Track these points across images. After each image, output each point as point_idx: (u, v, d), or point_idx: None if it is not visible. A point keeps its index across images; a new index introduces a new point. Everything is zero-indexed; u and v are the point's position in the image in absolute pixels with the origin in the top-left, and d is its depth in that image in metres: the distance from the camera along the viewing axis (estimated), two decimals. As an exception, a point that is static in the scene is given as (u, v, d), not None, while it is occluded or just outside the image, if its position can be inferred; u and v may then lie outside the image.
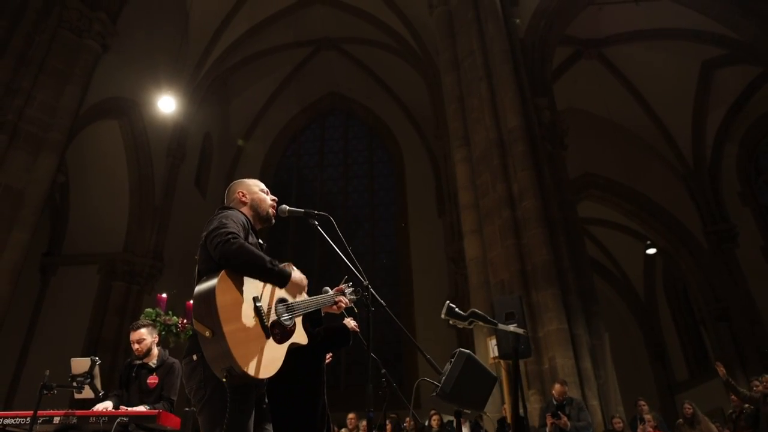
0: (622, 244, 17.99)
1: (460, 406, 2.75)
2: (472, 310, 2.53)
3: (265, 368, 2.04)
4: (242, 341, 1.98)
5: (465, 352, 2.60)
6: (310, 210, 2.55)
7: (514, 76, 9.26)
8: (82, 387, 3.20)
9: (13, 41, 9.59)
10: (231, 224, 2.20)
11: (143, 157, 14.51)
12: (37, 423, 2.98)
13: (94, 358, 3.33)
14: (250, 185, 2.62)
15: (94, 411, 3.27)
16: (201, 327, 1.98)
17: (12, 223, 8.66)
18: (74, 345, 12.27)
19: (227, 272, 2.07)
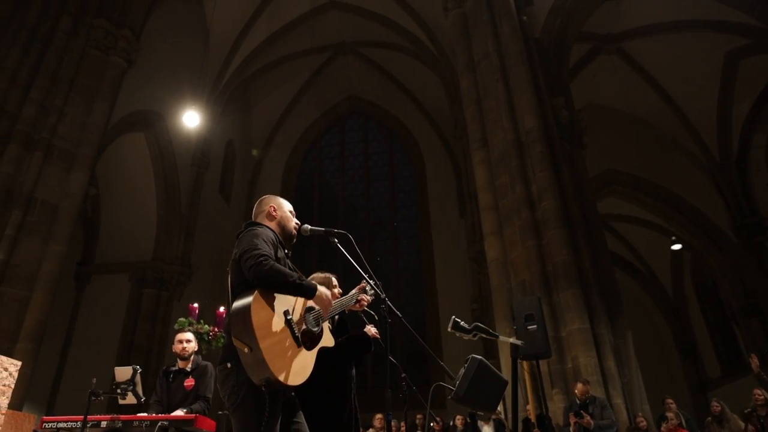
0: (648, 240, 17.81)
1: (473, 408, 2.91)
2: (476, 324, 2.68)
3: (299, 375, 2.28)
4: (277, 354, 2.20)
5: (477, 358, 2.75)
6: (330, 229, 2.73)
7: (530, 77, 9.32)
8: (126, 393, 3.47)
9: (45, 62, 9.97)
10: (261, 244, 2.36)
11: (169, 167, 14.89)
12: (87, 427, 3.20)
13: (136, 367, 3.60)
14: (281, 203, 2.79)
15: (137, 416, 3.52)
16: (240, 344, 2.18)
17: (49, 236, 9.02)
18: (109, 350, 12.70)
19: (260, 291, 2.26)
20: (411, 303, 18.70)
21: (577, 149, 9.64)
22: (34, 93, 9.75)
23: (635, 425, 6.78)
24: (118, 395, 3.48)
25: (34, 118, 9.57)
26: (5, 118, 9.22)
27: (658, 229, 16.95)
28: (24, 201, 8.97)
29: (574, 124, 9.78)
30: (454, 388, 2.65)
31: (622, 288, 17.82)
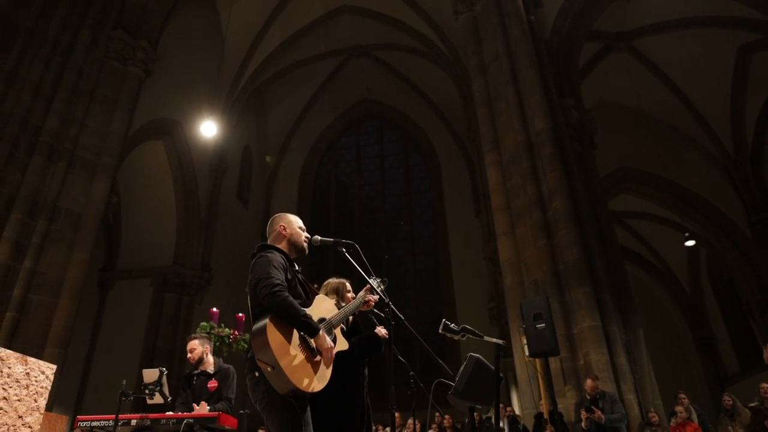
0: (664, 236, 17.75)
1: (471, 402, 3.08)
2: (463, 326, 2.87)
3: (320, 381, 2.55)
4: (298, 368, 2.45)
5: (474, 356, 2.94)
6: (338, 239, 2.91)
7: (539, 79, 9.41)
8: (153, 394, 3.74)
9: (66, 74, 10.26)
10: (273, 271, 2.60)
11: (187, 174, 15.20)
12: (119, 425, 3.44)
13: (162, 369, 3.87)
14: (291, 221, 2.98)
15: (164, 414, 3.77)
16: (263, 365, 2.44)
17: (73, 244, 9.32)
18: (133, 354, 13.02)
19: (273, 315, 2.52)
20: (428, 303, 18.83)
21: (587, 149, 9.71)
22: (57, 105, 10.02)
23: (647, 420, 6.85)
24: (146, 395, 3.75)
25: (56, 129, 9.84)
26: (30, 130, 9.51)
27: (673, 225, 16.89)
28: (49, 210, 9.26)
29: (584, 125, 9.85)
30: (453, 384, 2.83)
31: (638, 284, 17.92)
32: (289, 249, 2.89)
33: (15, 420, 2.55)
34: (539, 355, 4.99)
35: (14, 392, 2.57)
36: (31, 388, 2.65)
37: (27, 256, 8.66)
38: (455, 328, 2.82)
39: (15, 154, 9.15)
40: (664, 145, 15.82)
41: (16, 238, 8.60)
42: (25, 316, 8.27)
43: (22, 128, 9.36)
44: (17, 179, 9.04)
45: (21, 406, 2.58)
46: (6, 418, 2.51)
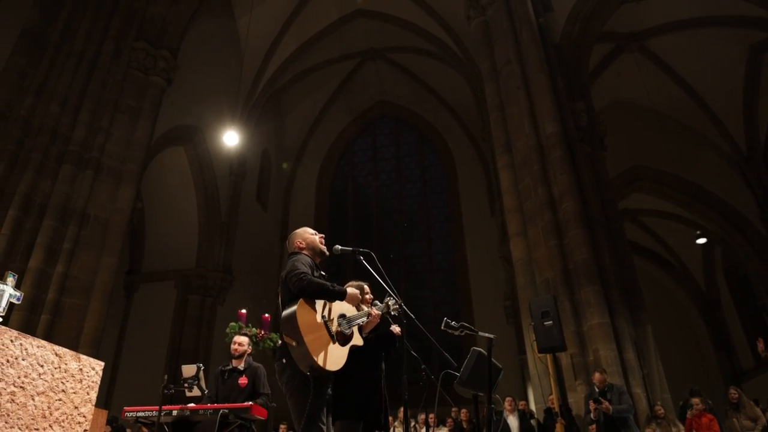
0: (678, 233, 17.78)
1: (474, 390, 3.42)
2: (462, 323, 3.18)
3: (334, 363, 2.89)
4: (318, 347, 2.81)
5: (477, 350, 3.30)
6: (356, 248, 3.33)
7: (549, 84, 9.62)
8: (192, 387, 4.13)
9: (91, 86, 10.68)
10: (301, 266, 3.02)
11: (208, 178, 15.62)
12: (161, 415, 3.81)
13: (200, 365, 4.28)
14: (302, 233, 3.43)
15: (202, 405, 4.18)
16: (289, 339, 2.81)
17: (101, 249, 9.75)
18: (159, 353, 13.47)
19: (303, 300, 2.91)
20: (446, 302, 19.05)
21: (597, 150, 9.88)
22: (83, 115, 10.42)
23: (654, 413, 7.06)
24: (185, 388, 4.15)
25: (84, 138, 10.24)
26: (59, 140, 9.94)
27: (687, 222, 16.93)
28: (78, 217, 9.69)
29: (594, 127, 10.02)
30: (458, 374, 3.19)
31: (653, 282, 17.99)
32: (313, 255, 3.30)
33: (72, 410, 2.88)
34: (547, 350, 5.24)
35: (71, 386, 2.91)
36: (84, 383, 2.99)
37: (59, 261, 9.09)
38: (455, 326, 3.15)
39: (45, 164, 9.58)
40: (676, 143, 15.88)
41: (49, 244, 9.04)
42: (58, 319, 8.72)
43: (51, 139, 9.80)
44: (48, 187, 9.47)
45: (77, 397, 2.92)
46: (65, 408, 2.85)
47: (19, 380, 2.63)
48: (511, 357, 14.58)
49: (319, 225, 20.26)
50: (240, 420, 4.10)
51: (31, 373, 2.71)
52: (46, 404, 2.75)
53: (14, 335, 2.67)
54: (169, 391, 3.89)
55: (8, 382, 2.58)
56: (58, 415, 2.82)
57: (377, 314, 3.26)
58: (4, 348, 2.58)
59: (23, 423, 2.60)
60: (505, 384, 12.90)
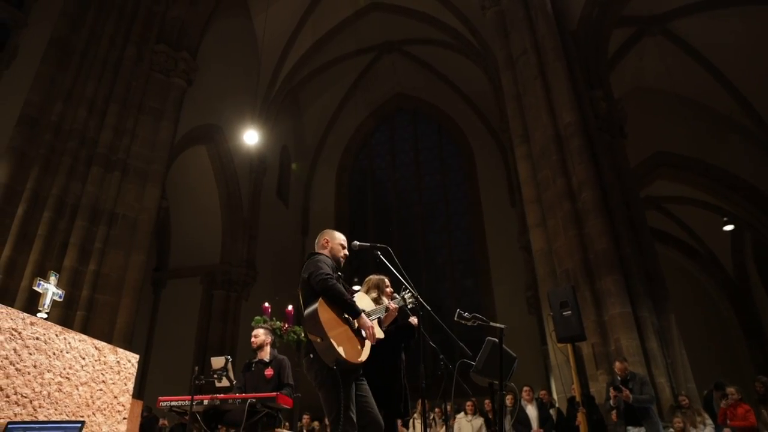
0: (705, 220, 17.53)
1: (489, 378, 3.55)
2: (474, 314, 3.28)
3: (359, 356, 3.04)
4: (341, 341, 2.95)
5: (492, 340, 3.42)
6: (374, 244, 3.43)
7: (566, 72, 9.59)
8: (221, 378, 4.33)
9: (116, 89, 10.95)
10: (325, 267, 3.16)
11: (230, 176, 15.91)
12: (193, 404, 4.01)
13: (228, 357, 4.48)
14: (334, 236, 3.55)
15: (231, 395, 4.38)
16: (313, 336, 2.96)
17: (131, 247, 10.05)
18: (187, 347, 13.83)
19: (323, 299, 3.04)
20: (467, 294, 19.12)
21: (617, 138, 9.84)
22: (109, 118, 10.70)
23: (678, 403, 7.07)
24: (215, 379, 4.36)
25: (110, 141, 10.52)
26: (87, 144, 10.23)
27: (714, 208, 16.68)
28: (107, 217, 9.99)
29: (613, 115, 9.96)
30: (474, 363, 3.31)
31: (680, 270, 17.78)
32: (332, 259, 3.43)
33: (112, 399, 3.08)
34: (566, 340, 5.32)
35: (110, 377, 3.10)
36: (122, 374, 3.18)
37: (91, 259, 9.41)
38: (467, 316, 3.27)
39: (76, 167, 9.89)
40: (701, 127, 15.66)
41: (81, 244, 9.36)
42: (93, 314, 9.05)
43: (80, 142, 10.10)
44: (79, 189, 9.78)
45: (116, 388, 3.12)
46: (106, 398, 3.05)
47: (65, 371, 2.83)
48: (534, 347, 14.62)
49: (339, 219, 20.49)
50: (267, 409, 4.29)
51: (75, 365, 2.91)
52: (89, 393, 2.95)
53: (59, 330, 2.86)
54: (200, 381, 4.09)
55: (55, 372, 2.77)
56: (100, 404, 3.02)
57: (395, 308, 3.39)
58: (50, 342, 2.78)
59: (70, 410, 2.80)
60: (528, 374, 13.01)
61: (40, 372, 2.71)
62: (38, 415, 2.68)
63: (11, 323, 2.63)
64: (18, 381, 2.60)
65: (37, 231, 9.08)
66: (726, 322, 18.35)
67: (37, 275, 7.47)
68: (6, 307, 2.66)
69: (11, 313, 2.66)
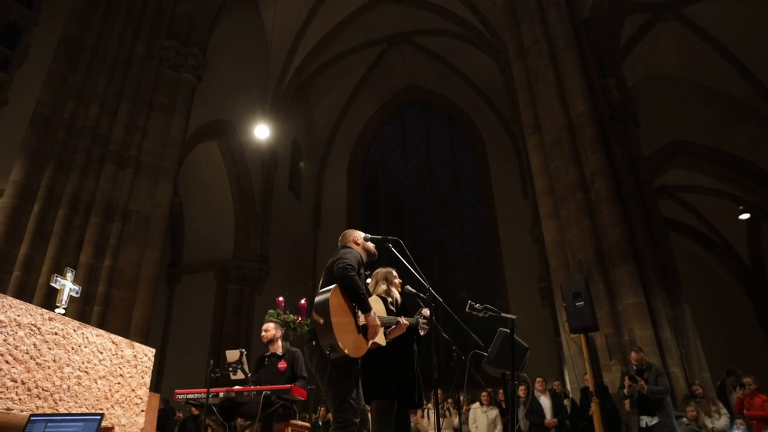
0: (720, 210, 17.32)
1: (501, 369, 3.55)
2: (485, 305, 3.28)
3: (354, 351, 3.00)
4: (342, 330, 2.94)
5: (504, 331, 3.43)
6: (385, 236, 3.44)
7: (578, 61, 9.50)
8: (236, 371, 4.38)
9: (126, 86, 11.02)
10: (351, 258, 3.16)
11: (241, 171, 15.98)
12: (209, 397, 4.07)
13: (242, 350, 4.55)
14: (359, 235, 3.54)
15: (247, 387, 4.43)
16: (317, 317, 2.94)
17: (145, 243, 10.14)
18: (202, 342, 13.97)
19: (339, 286, 3.05)
20: (480, 286, 19.07)
21: (630, 127, 9.74)
22: (121, 115, 10.77)
23: (691, 392, 7.04)
24: (230, 372, 4.41)
25: (122, 138, 10.59)
26: (99, 141, 10.32)
27: (730, 197, 16.48)
28: (121, 213, 10.08)
29: (626, 103, 9.85)
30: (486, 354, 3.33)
31: (695, 260, 17.62)
32: (364, 256, 3.45)
33: (130, 392, 3.13)
34: (579, 331, 5.30)
35: (127, 370, 3.15)
36: (139, 368, 3.23)
37: (107, 255, 9.52)
38: (479, 307, 3.27)
39: (89, 164, 9.99)
40: (717, 115, 15.45)
41: (96, 240, 9.47)
42: (109, 310, 9.16)
43: (93, 140, 10.19)
44: (92, 186, 9.88)
45: (133, 381, 3.16)
46: (124, 391, 3.09)
47: (83, 365, 2.87)
48: (547, 338, 14.60)
49: (350, 212, 20.52)
50: (282, 400, 4.34)
51: (93, 359, 2.95)
52: (107, 387, 3.00)
53: (77, 325, 2.91)
54: (215, 374, 4.14)
55: (74, 367, 2.82)
56: (118, 397, 3.07)
57: (405, 324, 3.40)
58: (68, 337, 2.82)
59: (89, 403, 2.85)
60: (541, 365, 13.00)
61: (59, 366, 2.76)
62: (59, 408, 2.73)
63: (30, 319, 2.67)
64: (39, 375, 2.65)
65: (52, 228, 9.21)
66: (741, 311, 18.15)
67: (53, 272, 7.57)
68: (25, 303, 2.71)
69: (30, 309, 2.70)
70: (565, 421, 7.46)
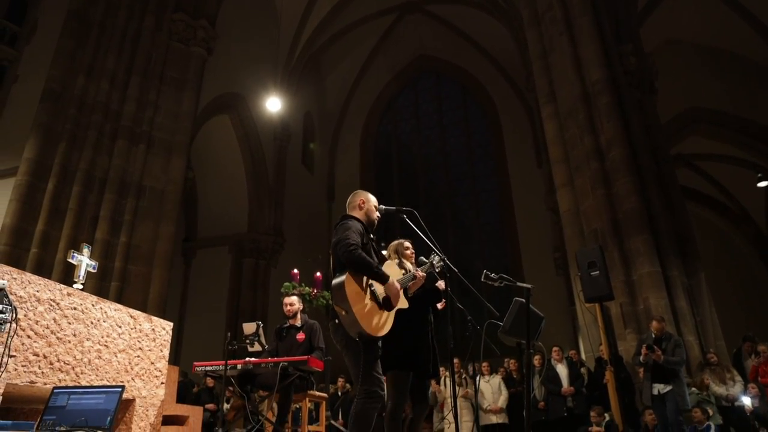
0: (738, 178, 17.01)
1: (516, 338, 3.56)
2: (501, 275, 3.27)
3: (382, 329, 3.04)
4: (366, 315, 2.96)
5: (519, 300, 3.43)
6: (399, 207, 3.41)
7: (594, 27, 9.28)
8: (253, 343, 4.44)
9: (136, 61, 10.96)
10: (352, 235, 3.09)
11: (254, 144, 15.96)
12: (227, 369, 4.12)
13: (259, 323, 4.59)
14: (369, 198, 3.46)
15: (264, 359, 4.48)
16: (339, 309, 2.95)
17: (159, 218, 10.22)
18: (219, 315, 14.16)
19: (350, 270, 3.01)
20: (494, 256, 19.06)
21: (647, 95, 9.54)
22: (132, 90, 10.74)
23: (706, 360, 7.02)
24: (247, 344, 4.47)
25: (134, 113, 10.59)
26: (111, 117, 10.32)
27: (748, 165, 16.17)
28: (135, 189, 10.14)
29: (643, 70, 9.63)
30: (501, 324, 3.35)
31: (711, 228, 17.38)
32: (365, 220, 3.36)
33: (149, 365, 3.17)
34: (594, 300, 5.28)
35: (146, 344, 3.19)
36: (157, 341, 3.27)
37: (122, 231, 9.62)
38: (494, 277, 3.26)
39: (101, 140, 10.02)
40: (737, 81, 15.04)
41: (112, 216, 9.56)
42: (126, 285, 9.30)
43: (104, 116, 10.20)
44: (106, 163, 9.94)
45: (152, 354, 3.21)
46: (143, 364, 3.14)
47: (103, 339, 2.92)
48: (562, 308, 14.61)
49: (364, 184, 20.47)
50: (299, 372, 4.38)
51: (112, 333, 2.99)
52: (127, 360, 3.04)
53: (95, 300, 2.94)
54: (233, 347, 4.19)
55: (94, 341, 2.86)
56: (138, 370, 3.12)
57: (422, 276, 3.38)
58: (87, 311, 2.86)
59: (110, 376, 2.90)
60: (557, 335, 13.04)
61: (79, 340, 2.80)
62: (81, 380, 2.78)
63: (50, 294, 2.71)
64: (60, 349, 2.70)
65: (68, 205, 9.29)
66: (758, 279, 17.99)
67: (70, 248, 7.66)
68: (43, 279, 2.74)
69: (49, 285, 2.73)
70: (582, 389, 7.48)
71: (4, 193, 9.45)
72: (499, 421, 7.94)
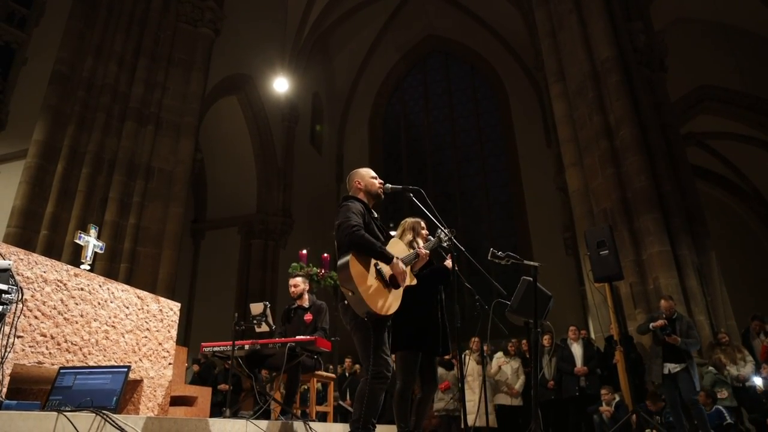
0: (749, 156, 16.79)
1: (524, 317, 3.55)
2: (507, 253, 3.25)
3: (389, 308, 3.03)
4: (372, 294, 2.95)
5: (527, 279, 3.42)
6: (406, 186, 3.37)
7: (604, 5, 9.12)
8: (261, 324, 4.46)
9: (144, 42, 10.94)
10: (352, 217, 3.08)
11: (262, 125, 15.93)
12: (235, 349, 4.15)
13: (266, 303, 4.60)
14: (363, 174, 3.45)
15: (272, 339, 4.51)
16: (345, 289, 2.95)
17: (168, 200, 10.27)
18: (228, 296, 14.27)
19: (353, 252, 3.00)
20: (503, 236, 19.02)
21: (657, 73, 9.38)
22: (140, 72, 10.74)
23: (717, 340, 6.99)
24: (254, 324, 4.49)
25: (142, 95, 10.60)
26: (119, 99, 10.33)
27: (760, 143, 15.94)
28: (144, 171, 10.19)
29: (653, 48, 9.46)
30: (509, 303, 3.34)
31: (722, 207, 17.22)
32: (367, 198, 3.36)
33: (156, 345, 3.20)
34: (603, 280, 5.26)
35: (153, 324, 3.22)
36: (165, 322, 3.30)
37: (131, 213, 9.68)
38: (501, 255, 3.25)
39: (110, 122, 10.04)
40: (749, 58, 14.76)
41: (120, 198, 9.61)
42: (136, 266, 9.38)
43: (113, 98, 10.20)
44: (115, 144, 9.96)
45: (159, 335, 3.23)
46: (151, 344, 3.17)
47: (110, 320, 2.94)
48: (572, 288, 14.60)
49: (373, 164, 20.38)
50: (306, 352, 4.41)
51: (119, 314, 3.02)
52: (134, 341, 3.07)
53: (102, 281, 2.96)
54: (240, 327, 4.21)
55: (102, 321, 2.89)
56: (146, 350, 3.15)
57: (426, 253, 3.37)
58: (94, 292, 2.88)
59: (118, 357, 2.93)
60: (567, 314, 13.05)
61: (87, 321, 2.83)
62: (88, 361, 2.81)
63: (56, 275, 2.73)
64: (67, 330, 2.73)
65: (77, 187, 9.35)
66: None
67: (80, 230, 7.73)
68: (50, 260, 2.76)
69: (55, 265, 2.75)
70: (596, 369, 7.44)
71: (14, 175, 9.51)
72: (515, 403, 7.94)
